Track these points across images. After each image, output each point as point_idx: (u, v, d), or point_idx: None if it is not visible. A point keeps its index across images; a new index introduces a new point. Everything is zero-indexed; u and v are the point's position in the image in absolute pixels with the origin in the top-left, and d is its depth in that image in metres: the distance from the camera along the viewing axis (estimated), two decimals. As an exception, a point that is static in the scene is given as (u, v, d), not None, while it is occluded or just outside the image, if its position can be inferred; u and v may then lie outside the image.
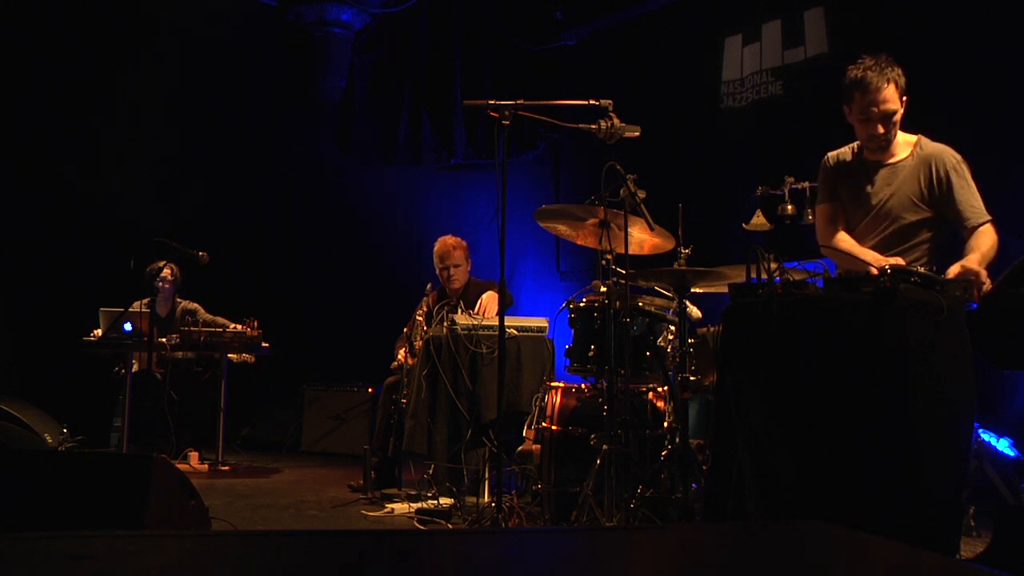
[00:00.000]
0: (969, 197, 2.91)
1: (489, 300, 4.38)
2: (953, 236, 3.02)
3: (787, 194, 3.65)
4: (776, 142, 5.34)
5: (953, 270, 2.61)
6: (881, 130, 2.95)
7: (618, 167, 3.12)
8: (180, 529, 2.26)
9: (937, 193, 2.94)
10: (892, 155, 3.03)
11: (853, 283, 2.29)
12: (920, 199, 2.96)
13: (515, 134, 6.94)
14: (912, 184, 2.98)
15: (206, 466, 5.30)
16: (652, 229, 3.19)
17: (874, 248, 2.99)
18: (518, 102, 3.10)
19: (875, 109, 2.92)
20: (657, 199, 3.24)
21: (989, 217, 2.89)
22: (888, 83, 2.90)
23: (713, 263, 3.25)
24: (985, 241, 2.83)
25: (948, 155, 2.96)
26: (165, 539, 1.34)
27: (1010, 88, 4.27)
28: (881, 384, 2.15)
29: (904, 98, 2.96)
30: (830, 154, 3.21)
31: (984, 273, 2.62)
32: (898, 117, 2.96)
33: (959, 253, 2.87)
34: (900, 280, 2.19)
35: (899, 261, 2.71)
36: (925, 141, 3.02)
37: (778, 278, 2.30)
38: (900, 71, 2.93)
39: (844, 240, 3.06)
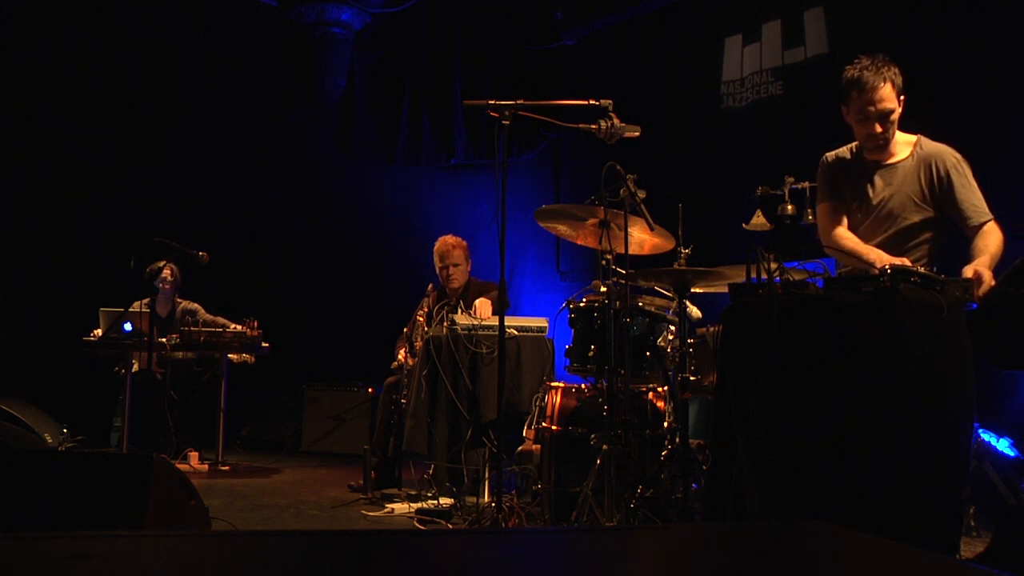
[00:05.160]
0: (970, 196, 2.90)
1: (482, 304, 4.37)
2: (952, 236, 3.01)
3: (787, 194, 3.65)
4: (776, 142, 5.34)
5: (967, 272, 2.59)
6: (878, 129, 2.94)
7: (618, 167, 3.12)
8: (180, 529, 2.26)
9: (938, 192, 2.94)
10: (891, 155, 3.03)
11: (853, 283, 2.29)
12: (921, 199, 2.96)
13: (515, 134, 6.95)
14: (912, 184, 2.97)
15: (206, 466, 5.29)
16: (652, 229, 3.19)
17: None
18: (518, 102, 3.09)
19: (872, 108, 2.91)
20: (657, 199, 3.24)
21: (991, 216, 2.88)
22: (884, 82, 2.89)
23: (713, 263, 3.25)
24: (992, 241, 2.82)
25: (948, 154, 2.95)
26: (165, 539, 1.34)
27: (1011, 88, 4.27)
28: (881, 384, 2.15)
29: (902, 97, 2.95)
30: (828, 154, 3.20)
31: (989, 275, 2.61)
32: (895, 116, 2.95)
33: (958, 252, 2.87)
34: (900, 280, 2.19)
35: (904, 261, 2.68)
36: (925, 141, 3.01)
37: (778, 278, 2.30)
38: (897, 70, 2.92)
39: (847, 237, 3.05)
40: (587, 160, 6.45)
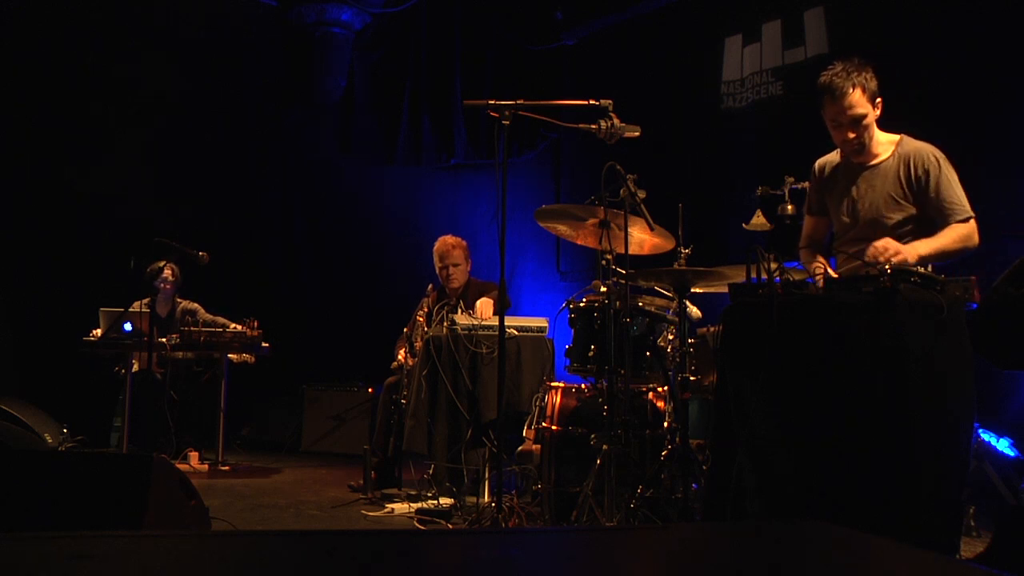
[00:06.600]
0: (950, 193, 2.87)
1: (483, 305, 4.37)
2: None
3: (787, 194, 3.64)
4: (776, 142, 5.34)
5: (874, 244, 2.60)
6: (851, 135, 2.92)
7: (618, 167, 3.12)
8: (180, 529, 2.26)
9: (916, 189, 2.92)
10: (874, 156, 3.01)
11: (853, 283, 2.30)
12: (902, 196, 2.94)
13: (515, 134, 6.93)
14: (893, 183, 2.95)
15: (206, 466, 5.29)
16: (652, 229, 3.19)
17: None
18: (518, 102, 3.09)
19: (842, 115, 2.89)
20: (657, 199, 3.24)
21: (971, 214, 2.85)
22: (854, 88, 2.86)
23: (713, 263, 3.25)
24: (947, 234, 2.81)
25: (928, 152, 2.93)
26: (165, 539, 1.34)
27: (1011, 88, 4.27)
28: (881, 384, 2.15)
29: (877, 100, 2.92)
30: (819, 161, 3.19)
31: (895, 249, 2.60)
32: (869, 120, 2.92)
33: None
34: (900, 280, 2.19)
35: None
36: (907, 140, 3.00)
37: (778, 278, 2.30)
38: (870, 74, 2.89)
39: (814, 263, 3.06)
40: (587, 160, 6.45)
